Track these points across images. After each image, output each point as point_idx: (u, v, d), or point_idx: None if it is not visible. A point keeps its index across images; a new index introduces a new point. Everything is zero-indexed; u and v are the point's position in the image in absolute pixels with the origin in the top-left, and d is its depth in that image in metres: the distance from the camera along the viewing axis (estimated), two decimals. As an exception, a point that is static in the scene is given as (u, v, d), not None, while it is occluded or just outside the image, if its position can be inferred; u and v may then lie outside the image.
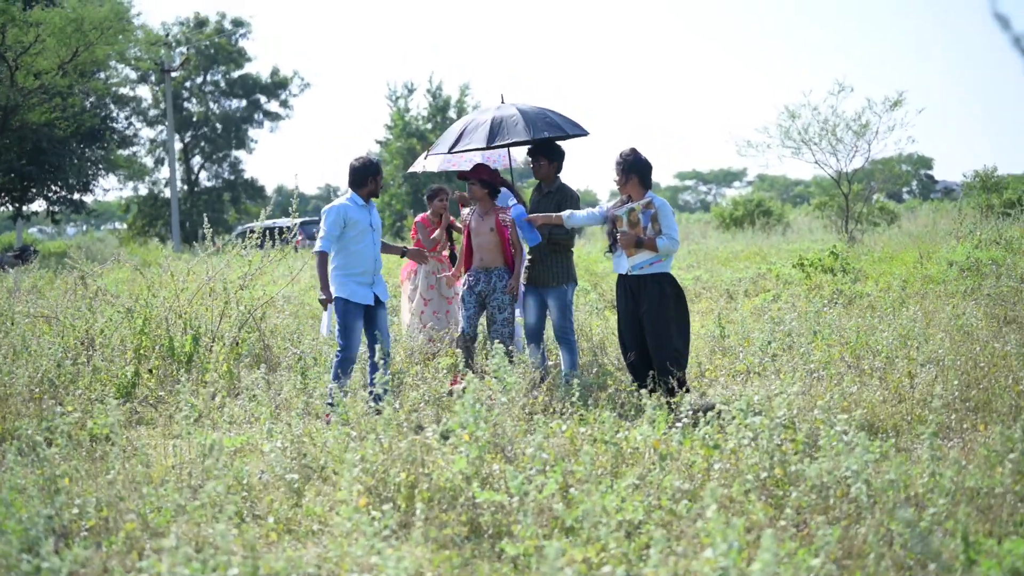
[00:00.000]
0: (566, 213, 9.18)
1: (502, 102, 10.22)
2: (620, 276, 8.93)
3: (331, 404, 8.00)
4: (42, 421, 7.54)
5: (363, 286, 9.07)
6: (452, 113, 55.09)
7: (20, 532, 5.19)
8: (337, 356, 8.92)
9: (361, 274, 9.07)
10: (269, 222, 26.78)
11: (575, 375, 8.95)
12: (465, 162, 11.92)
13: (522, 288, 9.91)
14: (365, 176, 9.12)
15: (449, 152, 10.21)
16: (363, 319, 9.11)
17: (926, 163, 71.90)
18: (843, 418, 6.25)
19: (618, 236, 8.81)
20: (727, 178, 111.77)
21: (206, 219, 11.63)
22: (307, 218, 31.85)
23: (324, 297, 8.96)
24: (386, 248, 9.67)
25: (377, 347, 8.80)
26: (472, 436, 6.01)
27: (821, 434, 6.10)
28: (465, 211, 10.22)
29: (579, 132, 9.97)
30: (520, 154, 11.87)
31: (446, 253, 11.33)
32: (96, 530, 5.72)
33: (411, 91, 55.22)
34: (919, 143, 67.31)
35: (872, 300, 13.25)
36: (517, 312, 10.15)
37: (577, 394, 7.35)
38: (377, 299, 9.17)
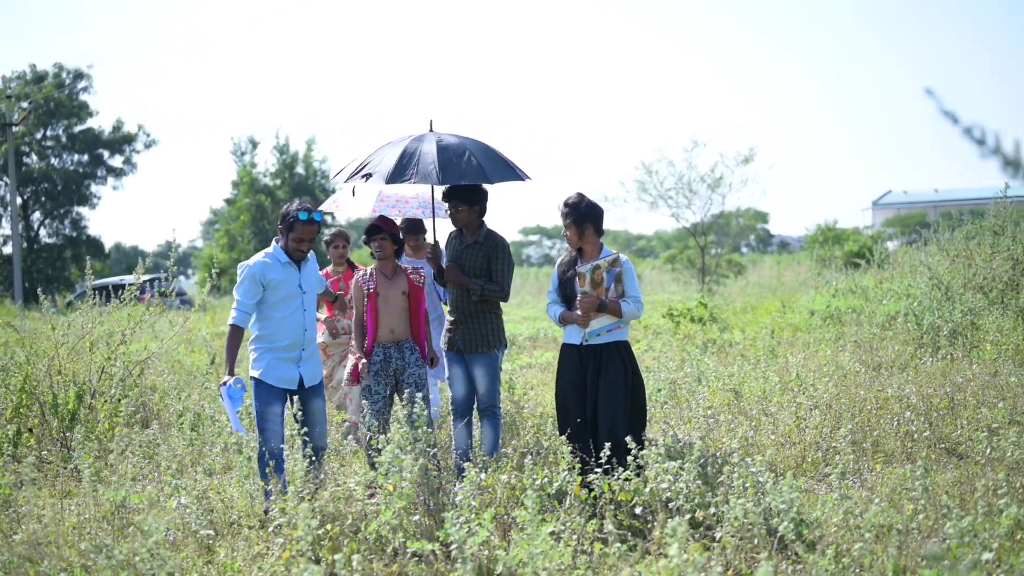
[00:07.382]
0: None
1: (431, 129, 8.40)
2: (568, 346, 7.61)
3: (265, 511, 6.79)
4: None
5: (286, 363, 7.24)
6: (300, 169, 54.88)
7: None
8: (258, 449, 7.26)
9: (286, 348, 7.22)
10: (126, 278, 26.10)
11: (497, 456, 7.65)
12: (406, 205, 10.38)
13: (441, 355, 8.53)
14: (283, 228, 7.28)
15: (346, 182, 8.21)
16: (284, 405, 7.22)
17: (763, 217, 74.05)
18: (758, 459, 6.42)
19: (577, 298, 7.39)
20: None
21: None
22: (153, 275, 31.06)
23: (224, 380, 7.08)
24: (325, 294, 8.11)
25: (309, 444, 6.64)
26: (396, 487, 5.99)
27: (735, 476, 6.28)
28: (359, 274, 8.13)
29: (512, 178, 8.17)
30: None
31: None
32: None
33: (255, 145, 54.86)
34: (761, 197, 69.76)
35: (742, 349, 13.60)
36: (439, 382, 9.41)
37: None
38: (302, 382, 7.33)
